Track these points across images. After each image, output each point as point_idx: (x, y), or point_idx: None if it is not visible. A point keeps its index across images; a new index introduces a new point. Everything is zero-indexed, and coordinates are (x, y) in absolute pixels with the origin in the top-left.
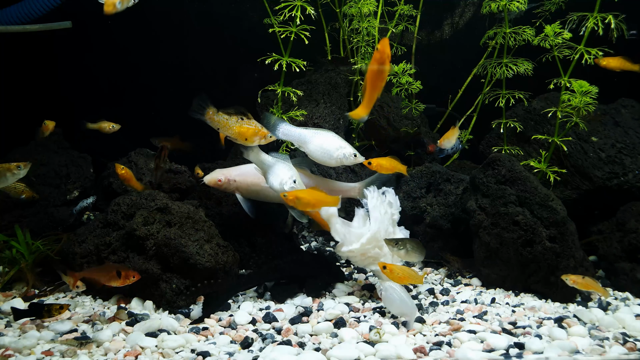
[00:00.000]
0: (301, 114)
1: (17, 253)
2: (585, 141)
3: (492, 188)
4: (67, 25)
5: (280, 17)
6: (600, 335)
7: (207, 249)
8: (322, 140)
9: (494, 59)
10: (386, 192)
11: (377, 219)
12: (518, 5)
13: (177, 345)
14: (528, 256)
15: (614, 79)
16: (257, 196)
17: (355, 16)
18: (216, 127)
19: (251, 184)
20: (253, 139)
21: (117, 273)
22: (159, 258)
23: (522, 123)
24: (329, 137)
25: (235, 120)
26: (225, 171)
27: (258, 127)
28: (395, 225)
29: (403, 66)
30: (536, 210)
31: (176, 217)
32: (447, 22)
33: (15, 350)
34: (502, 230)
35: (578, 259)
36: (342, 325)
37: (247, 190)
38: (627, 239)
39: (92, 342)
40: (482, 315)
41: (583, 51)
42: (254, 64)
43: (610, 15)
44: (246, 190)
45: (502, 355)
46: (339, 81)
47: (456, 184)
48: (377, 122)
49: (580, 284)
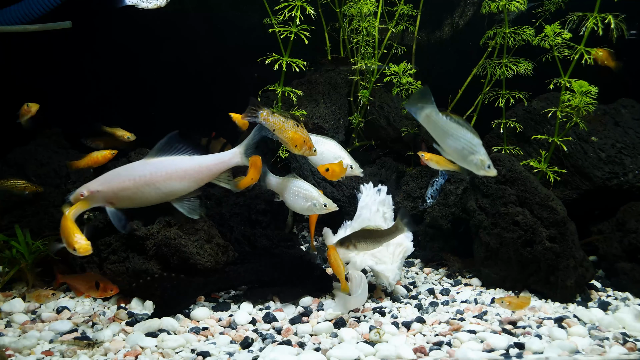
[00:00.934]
0: (301, 114)
1: (17, 253)
2: (585, 141)
3: (492, 188)
4: (67, 25)
5: (280, 17)
6: (600, 335)
7: (207, 249)
8: (324, 148)
9: (493, 59)
10: (380, 190)
11: (364, 218)
12: (518, 6)
13: (177, 345)
14: (528, 256)
15: (614, 79)
16: (131, 202)
17: (355, 16)
18: (272, 129)
19: (118, 189)
20: (301, 148)
21: (95, 284)
22: (159, 258)
23: (522, 123)
24: (330, 145)
25: (292, 125)
26: (88, 184)
27: (308, 138)
28: (387, 222)
29: (403, 66)
30: (536, 210)
31: (176, 217)
32: (447, 22)
33: (15, 350)
34: (502, 230)
35: (578, 259)
36: (342, 325)
37: (117, 198)
38: (627, 239)
39: (99, 343)
40: (482, 315)
41: (583, 51)
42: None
43: (610, 15)
44: (117, 199)
45: (502, 355)
46: (339, 81)
47: (456, 184)
48: (377, 122)
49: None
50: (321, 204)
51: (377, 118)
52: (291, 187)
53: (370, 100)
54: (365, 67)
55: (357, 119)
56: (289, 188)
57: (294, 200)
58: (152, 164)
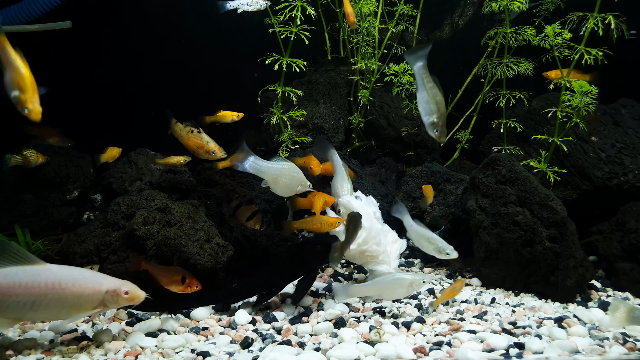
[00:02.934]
0: (301, 114)
1: None
2: (585, 141)
3: (492, 188)
4: (67, 25)
5: (281, 17)
6: (600, 335)
7: (207, 249)
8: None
9: (494, 59)
10: (358, 196)
11: (368, 217)
12: (519, 5)
13: (177, 345)
14: (528, 256)
15: (614, 79)
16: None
17: (356, 16)
18: (178, 138)
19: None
20: (201, 154)
21: (182, 279)
22: (159, 258)
23: (522, 123)
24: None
25: (187, 132)
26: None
27: (202, 144)
28: (379, 221)
29: (404, 66)
30: (536, 210)
31: (176, 217)
32: (447, 22)
33: (15, 351)
34: (502, 230)
35: (578, 259)
36: (342, 325)
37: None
38: (627, 239)
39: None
40: (482, 315)
41: (583, 51)
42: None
43: (610, 15)
44: None
45: (502, 355)
46: (339, 81)
47: (456, 184)
48: (377, 122)
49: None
50: (306, 185)
51: (377, 118)
52: (285, 172)
53: (370, 100)
54: (365, 67)
55: (357, 119)
56: (283, 173)
57: (290, 185)
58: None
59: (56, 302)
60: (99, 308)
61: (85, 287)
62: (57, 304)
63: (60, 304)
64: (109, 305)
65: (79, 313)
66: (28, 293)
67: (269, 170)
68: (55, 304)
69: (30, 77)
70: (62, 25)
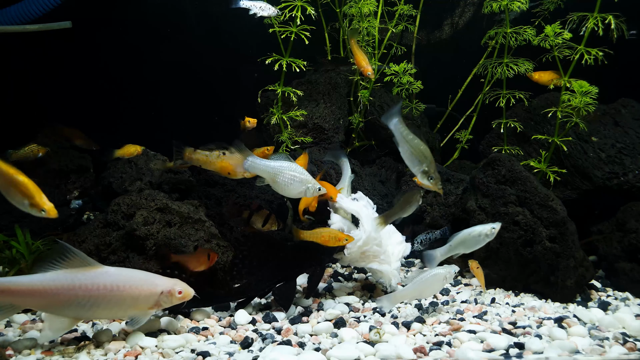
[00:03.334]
0: (301, 113)
1: (17, 253)
2: (585, 141)
3: (492, 188)
4: (67, 25)
5: (281, 17)
6: (600, 335)
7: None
8: (289, 176)
9: (494, 59)
10: (356, 198)
11: (369, 219)
12: (519, 5)
13: (177, 345)
14: (528, 256)
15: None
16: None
17: (355, 16)
18: (198, 165)
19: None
20: (235, 175)
21: (208, 256)
22: (159, 258)
23: (522, 123)
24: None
25: (217, 156)
26: None
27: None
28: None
29: (404, 66)
30: (536, 210)
31: (176, 217)
32: (447, 22)
33: (15, 350)
34: (502, 230)
35: (578, 259)
36: (342, 325)
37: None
38: (627, 239)
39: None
40: (482, 315)
41: (583, 51)
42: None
43: (610, 15)
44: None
45: (502, 355)
46: (339, 81)
47: (456, 184)
48: (377, 122)
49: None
50: (315, 188)
51: (377, 118)
52: (284, 170)
53: (370, 100)
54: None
55: (357, 119)
56: (282, 172)
57: (289, 183)
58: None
59: (114, 303)
60: (154, 308)
61: (142, 288)
62: (114, 305)
63: (118, 305)
64: (163, 305)
65: (137, 313)
66: (88, 295)
67: (266, 169)
68: (113, 305)
69: (29, 182)
70: (62, 26)
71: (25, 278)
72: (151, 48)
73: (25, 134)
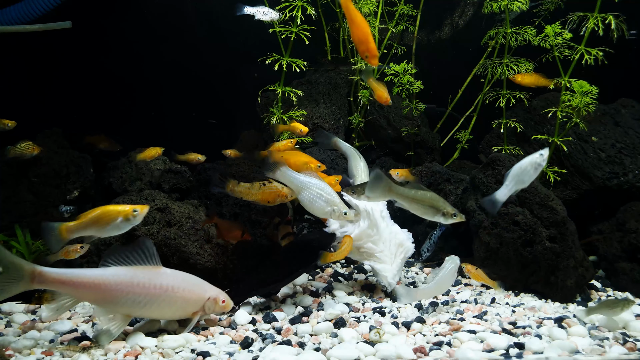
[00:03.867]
0: (301, 113)
1: (17, 253)
2: (585, 141)
3: (492, 188)
4: (67, 25)
5: (281, 17)
6: (600, 335)
7: (207, 249)
8: (314, 193)
9: (494, 59)
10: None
11: (366, 216)
12: (519, 5)
13: (177, 345)
14: (528, 256)
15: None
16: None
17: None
18: (240, 197)
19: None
20: (275, 202)
21: (242, 232)
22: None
23: (522, 123)
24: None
25: (258, 187)
26: None
27: (279, 191)
28: (385, 220)
29: (404, 66)
30: (536, 210)
31: (176, 217)
32: (447, 22)
33: (15, 350)
34: (502, 230)
35: (578, 259)
36: (342, 325)
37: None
38: (627, 239)
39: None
40: (482, 315)
41: (583, 51)
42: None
43: (610, 15)
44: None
45: (502, 355)
46: (339, 81)
47: (456, 184)
48: (377, 122)
49: (473, 275)
50: (341, 212)
51: (377, 118)
52: (312, 187)
53: (370, 100)
54: (365, 67)
55: (357, 119)
56: (309, 187)
57: (313, 200)
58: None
59: (166, 303)
60: (199, 313)
61: (193, 292)
62: (166, 305)
63: (169, 305)
64: (207, 311)
65: (182, 315)
66: (144, 292)
67: (294, 181)
68: (165, 305)
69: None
70: (62, 26)
71: (88, 271)
72: (151, 48)
73: (25, 134)
